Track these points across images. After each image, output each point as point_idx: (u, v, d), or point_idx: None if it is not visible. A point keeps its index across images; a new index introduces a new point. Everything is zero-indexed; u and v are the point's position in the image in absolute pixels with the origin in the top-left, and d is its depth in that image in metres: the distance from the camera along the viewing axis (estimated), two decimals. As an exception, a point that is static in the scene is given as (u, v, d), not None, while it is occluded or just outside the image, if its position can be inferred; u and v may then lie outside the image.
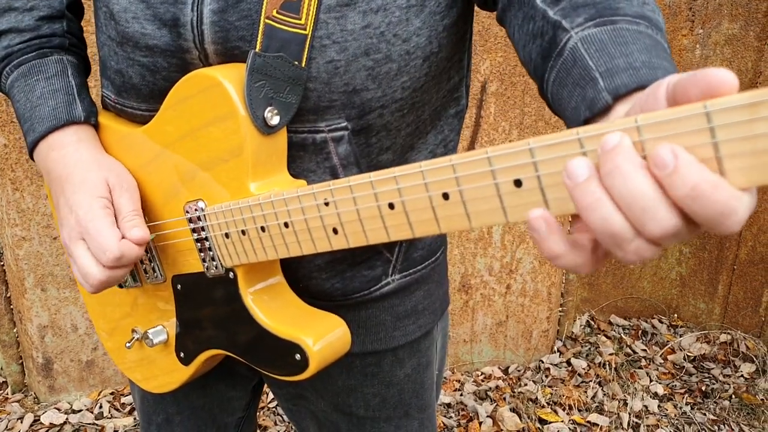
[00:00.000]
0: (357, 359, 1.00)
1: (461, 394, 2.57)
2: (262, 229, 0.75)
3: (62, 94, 0.90)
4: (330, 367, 0.98)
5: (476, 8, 0.88)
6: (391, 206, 0.61)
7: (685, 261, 2.99)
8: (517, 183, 0.50)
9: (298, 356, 0.78)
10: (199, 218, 0.83)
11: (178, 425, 1.16)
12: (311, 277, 0.91)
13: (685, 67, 2.69)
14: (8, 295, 2.43)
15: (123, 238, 0.82)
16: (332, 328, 0.81)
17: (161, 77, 0.83)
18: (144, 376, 1.04)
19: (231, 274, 0.82)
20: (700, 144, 0.41)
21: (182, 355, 0.94)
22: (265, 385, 1.25)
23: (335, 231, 0.68)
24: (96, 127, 0.93)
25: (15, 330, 2.49)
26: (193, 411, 1.15)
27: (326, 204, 0.67)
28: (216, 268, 0.83)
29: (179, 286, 0.91)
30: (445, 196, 0.56)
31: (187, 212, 0.84)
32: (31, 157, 0.93)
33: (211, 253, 0.83)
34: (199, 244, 0.84)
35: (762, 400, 2.61)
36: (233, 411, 1.18)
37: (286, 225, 0.72)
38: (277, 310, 0.82)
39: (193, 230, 0.84)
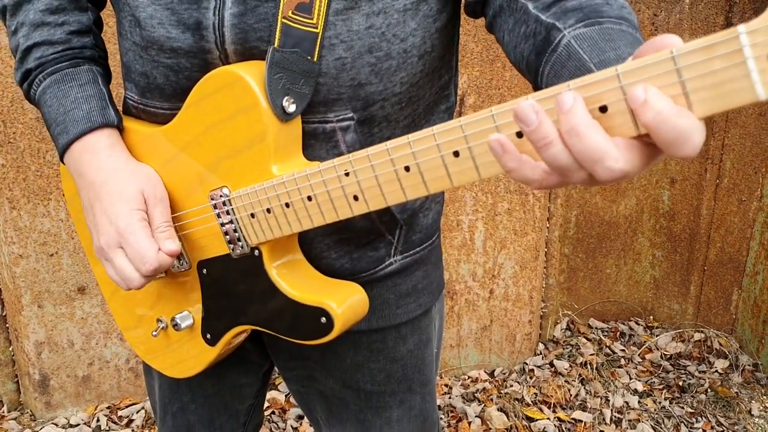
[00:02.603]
0: (363, 336, 1.09)
1: (450, 397, 2.66)
2: (287, 205, 0.84)
3: (96, 100, 0.97)
4: (338, 345, 1.07)
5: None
6: (407, 169, 0.70)
7: (658, 264, 3.12)
8: (519, 135, 0.60)
9: (323, 319, 0.87)
10: (224, 203, 0.91)
11: (192, 413, 1.23)
12: (322, 257, 1.00)
13: (651, 78, 2.84)
14: (4, 314, 2.48)
15: (159, 249, 0.91)
16: (352, 294, 0.91)
17: (184, 77, 0.91)
18: (169, 363, 1.10)
19: (256, 252, 0.91)
20: (670, 83, 0.51)
21: (209, 336, 1.01)
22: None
23: (356, 198, 0.77)
24: (122, 131, 1.00)
25: (11, 348, 2.53)
26: (206, 399, 1.21)
27: (347, 174, 0.76)
28: (242, 248, 0.92)
29: (204, 271, 0.98)
30: (456, 153, 0.65)
31: (212, 199, 0.92)
32: (62, 160, 0.99)
33: (236, 234, 0.91)
34: (224, 228, 0.92)
35: (736, 393, 2.73)
36: (244, 398, 1.25)
37: (309, 198, 0.81)
38: (299, 281, 0.91)
39: (218, 215, 0.92)
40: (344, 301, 0.89)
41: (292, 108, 0.85)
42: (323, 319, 0.87)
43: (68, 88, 0.97)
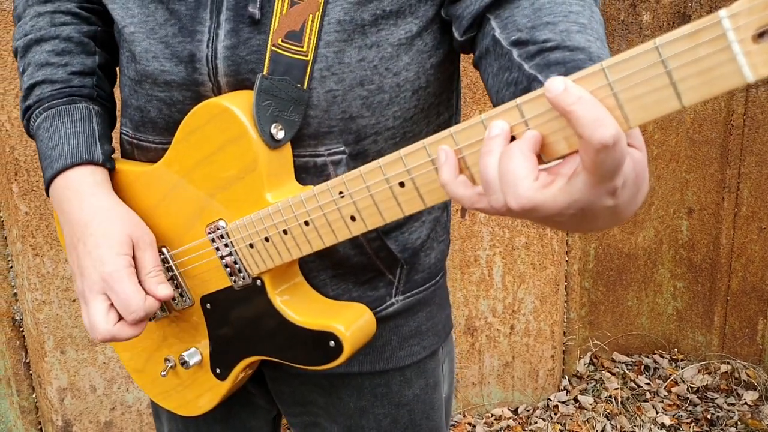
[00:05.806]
0: (366, 380, 1.06)
1: (472, 436, 2.63)
2: (285, 232, 0.84)
3: (84, 136, 0.96)
4: (341, 389, 1.05)
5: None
6: (402, 185, 0.70)
7: (680, 295, 3.08)
8: (512, 139, 0.59)
9: (332, 343, 0.87)
10: (221, 236, 0.91)
11: None
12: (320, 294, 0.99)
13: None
14: (27, 361, 2.51)
15: (147, 295, 0.90)
16: (360, 315, 0.91)
17: (176, 110, 0.92)
18: (181, 402, 1.09)
19: (258, 282, 0.91)
20: (657, 74, 0.51)
21: (218, 371, 1.01)
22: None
23: (353, 218, 0.77)
24: (112, 170, 0.99)
25: (34, 395, 2.56)
26: None
27: (342, 196, 0.76)
28: (243, 279, 0.92)
29: (208, 305, 0.99)
30: None
31: (209, 233, 0.92)
32: (47, 193, 0.98)
33: (237, 266, 0.92)
34: (224, 261, 0.93)
35: (767, 425, 2.66)
36: None
37: (306, 223, 0.82)
38: (304, 307, 0.91)
39: (217, 249, 0.93)
40: (352, 323, 0.89)
41: (280, 135, 0.85)
42: (332, 343, 0.87)
43: (60, 124, 0.97)
